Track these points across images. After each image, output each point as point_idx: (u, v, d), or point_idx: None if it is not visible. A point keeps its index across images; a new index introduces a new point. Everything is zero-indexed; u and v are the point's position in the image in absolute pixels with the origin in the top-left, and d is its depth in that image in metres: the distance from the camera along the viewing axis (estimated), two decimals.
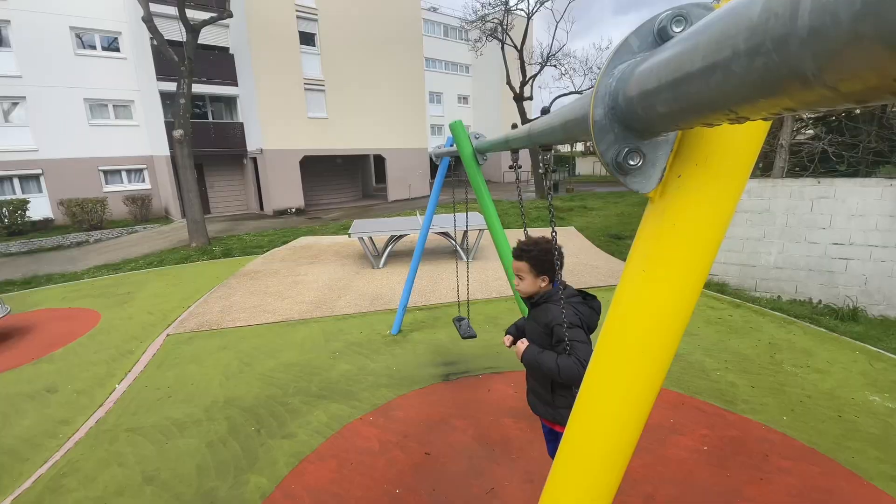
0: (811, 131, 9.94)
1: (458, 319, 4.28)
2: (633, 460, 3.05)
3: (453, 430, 3.51)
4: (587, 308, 1.98)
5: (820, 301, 6.64)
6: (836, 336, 5.05)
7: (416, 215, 11.53)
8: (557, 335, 1.89)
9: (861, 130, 8.23)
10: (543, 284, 2.02)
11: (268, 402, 4.04)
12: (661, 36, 0.54)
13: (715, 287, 6.97)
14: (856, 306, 6.15)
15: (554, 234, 1.74)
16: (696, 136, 0.64)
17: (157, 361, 5.04)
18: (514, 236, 2.26)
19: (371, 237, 8.98)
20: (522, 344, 2.05)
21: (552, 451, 2.36)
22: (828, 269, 6.65)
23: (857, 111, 9.12)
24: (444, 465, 3.11)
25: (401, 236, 8.88)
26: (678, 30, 0.53)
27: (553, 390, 1.99)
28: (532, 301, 2.11)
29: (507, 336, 2.21)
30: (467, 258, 8.34)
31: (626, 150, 0.60)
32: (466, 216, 4.59)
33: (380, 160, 23.83)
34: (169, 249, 11.83)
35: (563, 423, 1.90)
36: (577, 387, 1.85)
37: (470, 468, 3.07)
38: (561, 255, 1.92)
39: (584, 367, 1.77)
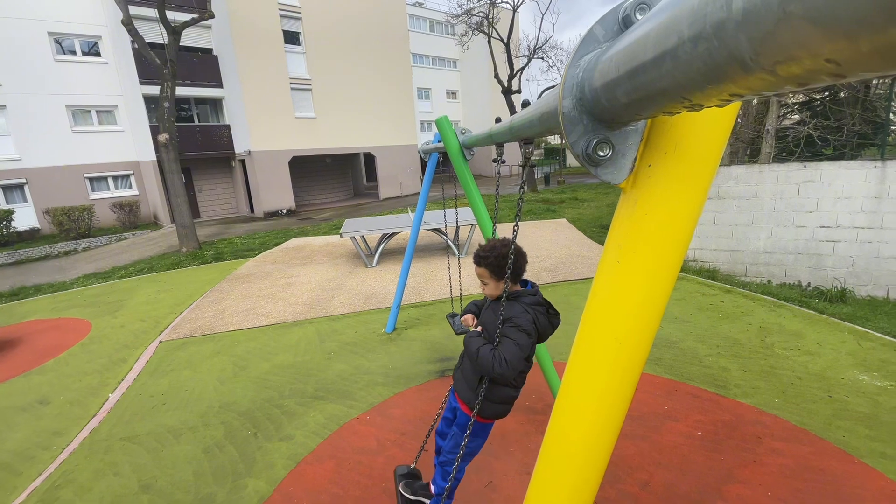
0: (797, 116, 10.02)
1: (452, 315, 4.27)
2: (629, 448, 3.08)
3: None
4: (546, 321, 1.95)
5: (809, 284, 6.73)
6: (826, 318, 5.11)
7: (407, 213, 11.50)
8: (504, 332, 1.88)
9: (845, 114, 8.30)
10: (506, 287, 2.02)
11: (264, 405, 4.02)
12: (626, 24, 0.54)
13: (706, 273, 7.03)
14: (844, 288, 6.23)
15: (516, 228, 1.70)
16: (665, 125, 0.64)
17: (151, 369, 5.00)
18: (504, 230, 2.26)
19: (363, 236, 8.95)
20: (476, 328, 2.08)
21: (444, 427, 2.33)
22: (815, 252, 6.73)
23: (842, 94, 9.20)
24: None
25: (393, 234, 8.86)
26: (641, 18, 0.52)
27: (481, 379, 1.96)
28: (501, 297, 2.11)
29: (469, 315, 2.20)
30: (459, 254, 8.34)
31: (596, 140, 0.60)
32: (456, 211, 4.58)
33: (370, 158, 23.71)
34: (159, 255, 11.72)
35: (474, 410, 1.92)
36: (495, 381, 1.86)
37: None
38: (523, 255, 1.94)
39: (502, 367, 1.76)
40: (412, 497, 2.36)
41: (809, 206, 6.69)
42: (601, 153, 0.61)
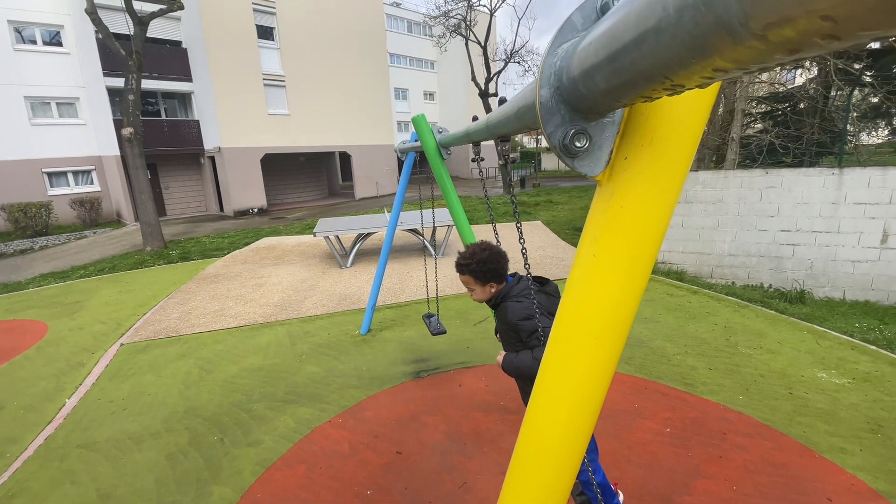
0: (760, 125, 10.45)
1: (428, 316, 4.27)
2: (601, 445, 3.11)
3: (424, 427, 3.48)
4: (544, 296, 2.03)
5: (770, 285, 7.00)
6: (786, 318, 5.32)
7: (383, 213, 11.40)
8: (526, 329, 1.93)
9: (805, 123, 8.69)
10: (493, 290, 2.07)
11: (231, 409, 3.89)
12: (604, 11, 0.53)
13: (674, 275, 7.23)
14: (803, 289, 6.51)
15: (518, 225, 1.74)
16: (641, 117, 0.64)
17: (111, 373, 4.77)
18: (481, 232, 2.27)
19: (337, 236, 8.81)
20: (500, 356, 2.10)
21: None
22: (776, 255, 7.01)
23: (802, 105, 9.63)
24: (416, 463, 3.08)
25: (368, 234, 8.76)
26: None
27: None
28: (491, 303, 2.14)
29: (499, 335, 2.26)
30: (436, 254, 8.32)
31: (573, 131, 0.59)
32: (433, 212, 4.56)
33: (345, 157, 23.42)
34: (121, 254, 11.25)
35: None
36: None
37: (442, 464, 3.06)
38: (503, 256, 2.03)
39: None
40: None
41: (771, 210, 6.96)
42: (578, 144, 0.60)
